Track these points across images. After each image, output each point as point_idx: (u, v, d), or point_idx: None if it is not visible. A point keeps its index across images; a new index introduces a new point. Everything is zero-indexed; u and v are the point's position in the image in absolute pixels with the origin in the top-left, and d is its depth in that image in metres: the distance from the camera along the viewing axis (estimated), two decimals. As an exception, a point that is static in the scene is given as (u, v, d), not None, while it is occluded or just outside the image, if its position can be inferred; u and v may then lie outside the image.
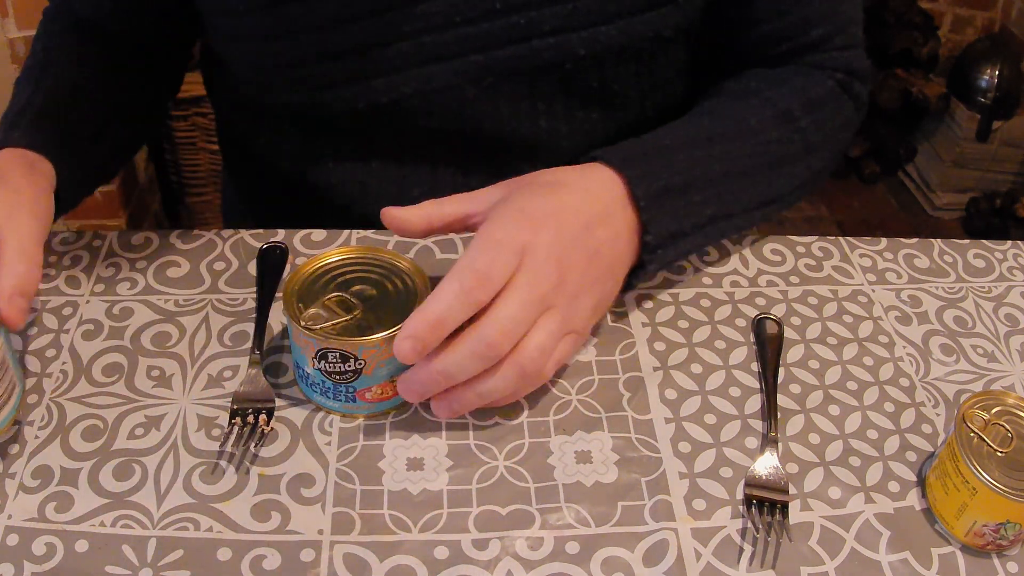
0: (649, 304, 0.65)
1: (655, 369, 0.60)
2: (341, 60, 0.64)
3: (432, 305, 0.49)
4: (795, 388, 0.60)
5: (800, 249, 0.71)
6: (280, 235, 0.68)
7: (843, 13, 0.69)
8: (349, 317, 0.53)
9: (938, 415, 0.59)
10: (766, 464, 0.54)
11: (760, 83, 0.67)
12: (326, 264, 0.56)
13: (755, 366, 0.61)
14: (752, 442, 0.56)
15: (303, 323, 0.52)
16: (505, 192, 0.57)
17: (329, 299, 0.54)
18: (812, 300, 0.66)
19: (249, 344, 0.60)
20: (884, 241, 0.73)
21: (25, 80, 0.65)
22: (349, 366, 0.52)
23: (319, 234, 0.69)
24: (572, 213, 0.54)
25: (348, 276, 0.56)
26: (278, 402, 0.56)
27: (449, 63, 0.63)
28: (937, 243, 0.73)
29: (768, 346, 0.62)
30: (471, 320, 0.50)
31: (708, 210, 0.61)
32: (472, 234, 0.54)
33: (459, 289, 0.49)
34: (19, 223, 0.51)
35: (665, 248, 0.59)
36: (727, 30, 0.69)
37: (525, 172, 0.70)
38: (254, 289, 0.64)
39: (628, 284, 0.60)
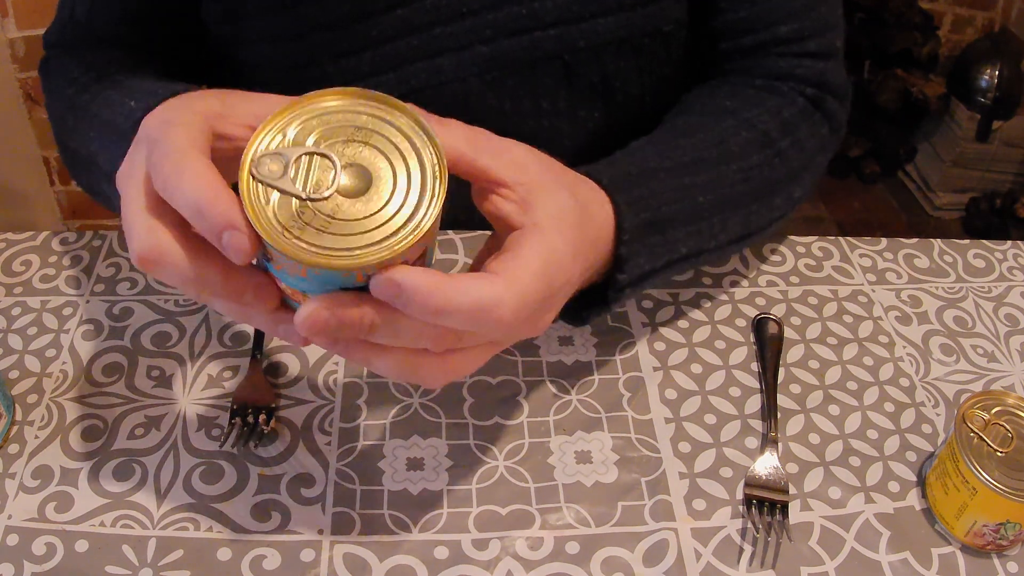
0: (649, 304, 0.65)
1: (655, 369, 0.60)
2: (355, 57, 0.64)
3: (445, 296, 0.38)
4: (795, 388, 0.60)
5: (800, 249, 0.71)
6: (280, 235, 0.68)
7: (819, 16, 0.64)
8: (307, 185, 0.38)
9: (938, 415, 0.59)
10: (766, 464, 0.54)
11: (734, 102, 0.63)
12: (325, 105, 0.40)
13: (755, 366, 0.61)
14: (752, 442, 0.56)
15: (249, 161, 0.38)
16: (541, 177, 0.45)
17: (303, 150, 0.39)
18: (812, 300, 0.66)
19: (249, 344, 0.60)
20: (884, 241, 0.73)
21: (105, 85, 0.58)
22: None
23: (319, 234, 0.69)
24: (578, 272, 0.45)
25: (348, 131, 0.40)
26: (278, 402, 0.56)
27: (457, 55, 0.64)
28: (937, 243, 0.73)
29: (768, 346, 0.62)
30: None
31: (684, 248, 0.55)
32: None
33: (491, 312, 0.39)
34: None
35: (632, 288, 0.53)
36: (699, 18, 0.67)
37: None
38: (254, 289, 0.64)
39: (582, 318, 0.53)
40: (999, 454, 0.49)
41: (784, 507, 0.52)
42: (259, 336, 0.60)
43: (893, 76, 2.30)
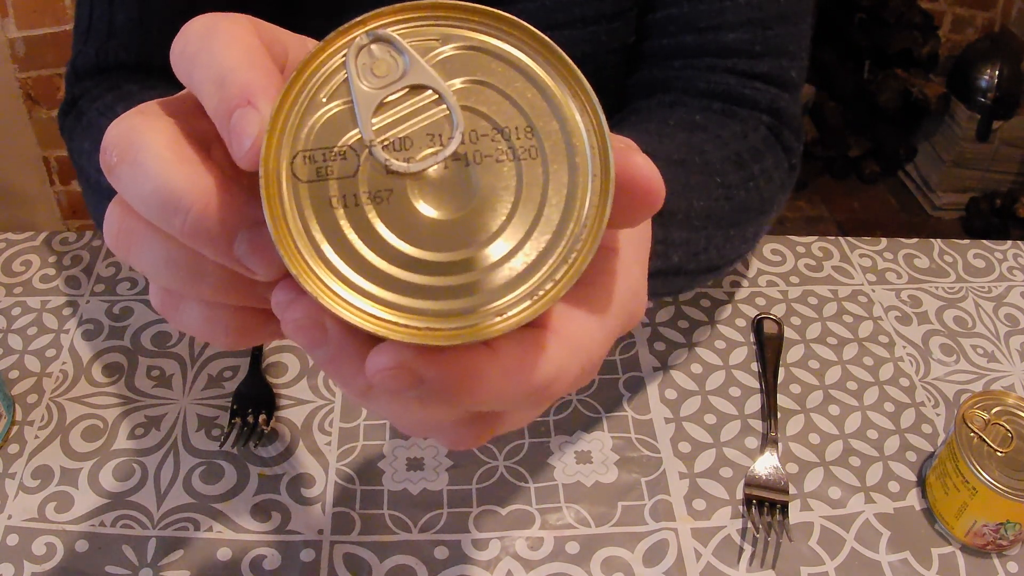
0: (649, 304, 0.65)
1: (655, 369, 0.60)
2: None
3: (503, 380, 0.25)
4: (795, 388, 0.60)
5: (800, 249, 0.71)
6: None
7: (774, 37, 0.59)
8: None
9: (938, 415, 0.59)
10: (766, 464, 0.54)
11: (703, 118, 0.57)
12: (472, 34, 0.25)
13: (755, 366, 0.61)
14: (752, 442, 0.56)
15: (340, 35, 0.25)
16: None
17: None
18: (812, 300, 0.66)
19: (249, 344, 0.60)
20: (884, 241, 0.73)
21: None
22: None
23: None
24: None
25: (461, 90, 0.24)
26: (278, 402, 0.56)
27: None
28: (937, 243, 0.73)
29: (768, 346, 0.62)
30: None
31: (675, 256, 0.50)
32: None
33: (553, 380, 0.26)
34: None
35: None
36: (639, 15, 0.61)
37: None
38: (254, 289, 0.64)
39: None
40: (999, 454, 0.49)
41: (784, 507, 0.52)
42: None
43: (893, 76, 2.30)
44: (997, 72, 2.16)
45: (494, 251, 0.23)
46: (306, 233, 0.23)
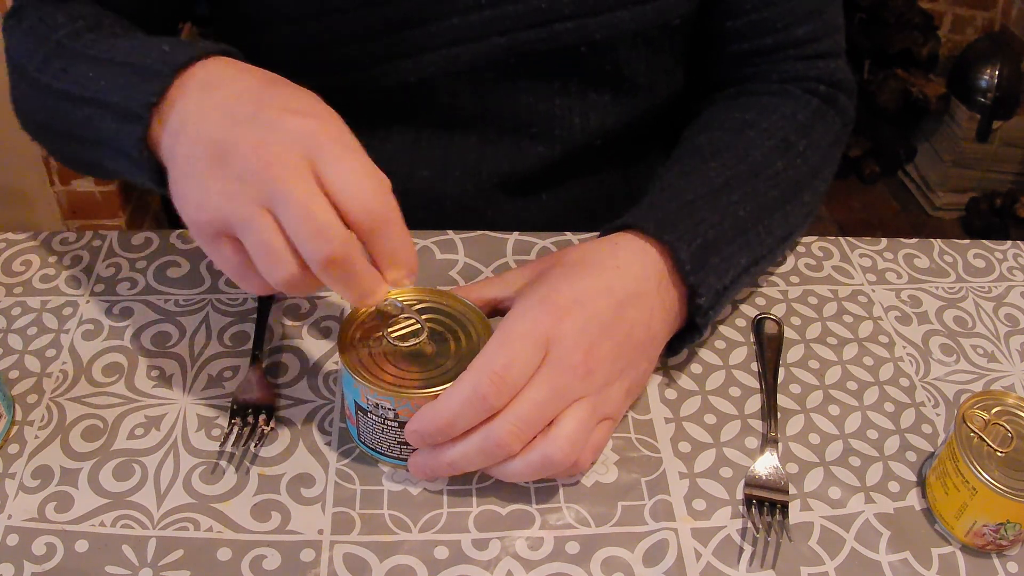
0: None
1: (655, 369, 0.60)
2: (373, 41, 0.65)
3: (443, 407, 0.48)
4: (795, 388, 0.60)
5: (800, 249, 0.71)
6: (280, 235, 0.68)
7: (829, 18, 0.69)
8: (415, 341, 0.52)
9: (938, 415, 0.59)
10: (766, 464, 0.54)
11: (751, 114, 0.66)
12: (430, 297, 0.55)
13: (755, 366, 0.61)
14: (752, 442, 0.56)
15: (392, 325, 0.53)
16: (532, 275, 0.55)
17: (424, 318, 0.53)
18: (812, 300, 0.66)
19: (249, 344, 0.60)
20: (884, 241, 0.73)
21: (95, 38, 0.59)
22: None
23: (319, 234, 0.69)
24: (602, 295, 0.52)
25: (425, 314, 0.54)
26: (278, 402, 0.56)
27: (474, 44, 0.65)
28: (937, 243, 0.73)
29: (768, 346, 0.62)
30: None
31: (742, 259, 0.58)
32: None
33: (472, 394, 0.47)
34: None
35: (714, 308, 0.57)
36: (717, 19, 0.70)
37: (540, 154, 0.71)
38: (254, 289, 0.64)
39: (675, 349, 0.58)
40: (999, 454, 0.49)
41: (784, 507, 0.52)
42: (259, 336, 0.60)
43: (893, 76, 2.30)
44: (997, 72, 2.16)
45: (442, 363, 0.51)
46: (359, 363, 0.51)
